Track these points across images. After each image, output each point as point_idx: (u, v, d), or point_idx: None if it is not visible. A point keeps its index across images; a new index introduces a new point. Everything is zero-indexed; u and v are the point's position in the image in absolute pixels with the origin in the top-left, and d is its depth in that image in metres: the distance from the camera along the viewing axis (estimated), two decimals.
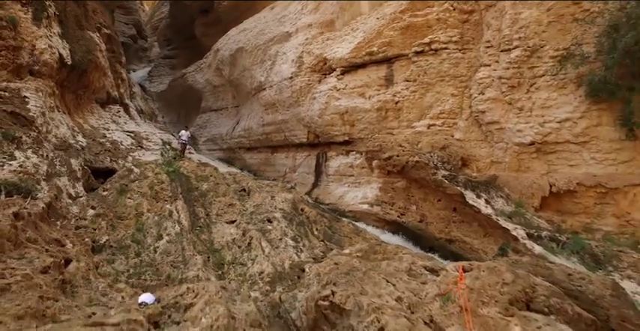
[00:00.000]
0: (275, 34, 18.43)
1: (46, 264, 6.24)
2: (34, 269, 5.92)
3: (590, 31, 10.34)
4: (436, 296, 6.18)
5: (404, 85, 12.66)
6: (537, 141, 10.79)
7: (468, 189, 10.05)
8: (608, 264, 9.27)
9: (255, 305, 5.30)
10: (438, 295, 6.19)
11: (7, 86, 11.40)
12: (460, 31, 12.15)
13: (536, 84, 10.97)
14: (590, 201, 10.46)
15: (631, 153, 10.02)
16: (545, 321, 5.02)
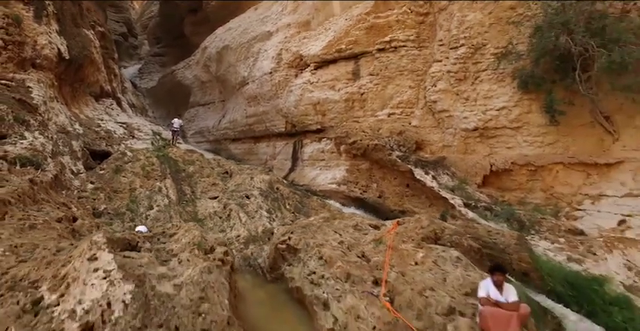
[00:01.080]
0: (258, 32, 20.06)
1: (59, 216, 7.82)
2: (51, 218, 7.48)
3: (524, 32, 12.14)
4: (372, 240, 7.87)
5: (368, 79, 14.39)
6: (480, 127, 12.58)
7: (418, 167, 11.78)
8: (531, 229, 11.04)
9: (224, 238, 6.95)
10: (374, 240, 7.89)
11: (13, 77, 12.91)
12: (417, 31, 13.90)
13: (479, 77, 12.76)
14: (523, 178, 12.27)
15: (555, 137, 11.84)
16: (443, 249, 6.73)
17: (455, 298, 5.01)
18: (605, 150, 11.27)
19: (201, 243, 5.68)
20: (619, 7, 10.85)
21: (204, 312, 3.95)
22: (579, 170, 11.54)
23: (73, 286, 3.93)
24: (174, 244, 5.72)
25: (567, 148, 11.73)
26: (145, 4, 50.75)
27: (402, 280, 5.73)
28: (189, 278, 4.45)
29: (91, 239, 4.60)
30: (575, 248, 10.17)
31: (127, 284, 4.02)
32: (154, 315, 3.81)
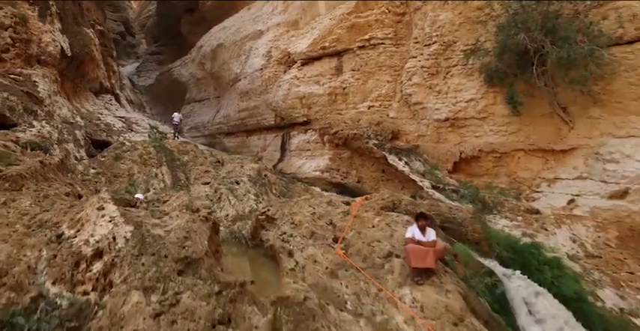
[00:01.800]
0: (250, 31, 21.25)
1: (67, 191, 8.98)
2: (60, 193, 8.65)
3: (490, 30, 13.34)
4: (340, 212, 9.07)
5: (350, 74, 15.60)
6: (451, 118, 13.78)
7: (392, 154, 12.99)
8: (493, 209, 12.25)
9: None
10: (342, 212, 9.08)
11: (21, 72, 14.08)
12: (394, 30, 15.11)
13: (450, 72, 13.96)
14: (490, 165, 13.49)
15: (517, 126, 13.06)
16: (397, 215, 7.92)
17: (395, 246, 6.20)
18: (561, 138, 12.49)
19: (189, 205, 6.86)
20: (573, 8, 12.06)
21: (187, 246, 5.13)
22: (538, 156, 12.75)
23: (86, 225, 5.12)
24: (167, 207, 6.91)
25: (528, 136, 12.95)
26: (142, 3, 51.94)
27: (357, 237, 6.93)
28: (177, 226, 5.64)
29: (99, 195, 5.79)
30: (530, 225, 11.41)
31: (127, 225, 5.20)
32: (148, 247, 4.99)
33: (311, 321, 4.08)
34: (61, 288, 4.24)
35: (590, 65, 10.85)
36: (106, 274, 4.51)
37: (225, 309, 4.30)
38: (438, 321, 4.45)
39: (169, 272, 4.62)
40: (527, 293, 7.48)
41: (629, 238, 10.10)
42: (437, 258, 5.35)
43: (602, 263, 10.02)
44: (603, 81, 11.56)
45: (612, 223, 10.52)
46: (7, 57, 13.71)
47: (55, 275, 4.36)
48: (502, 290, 7.25)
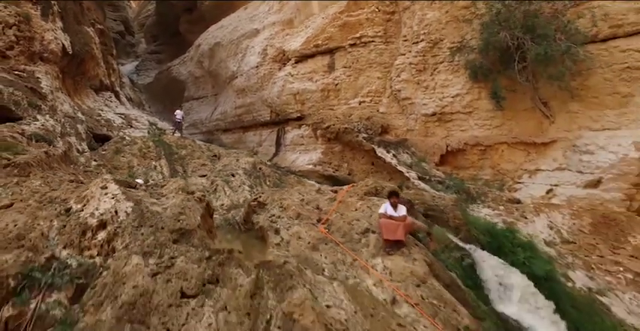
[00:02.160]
0: (246, 30, 21.87)
1: (71, 179, 9.59)
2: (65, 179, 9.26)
3: (475, 28, 13.95)
4: (327, 199, 9.67)
5: (342, 71, 16.22)
6: (438, 112, 14.40)
7: (381, 146, 13.61)
8: (477, 199, 12.87)
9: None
10: (329, 198, 9.69)
11: (24, 68, 14.68)
12: (384, 28, 15.73)
13: (437, 68, 14.58)
14: (475, 157, 14.11)
15: (500, 120, 13.69)
16: (378, 199, 8.52)
17: (372, 224, 6.81)
18: (542, 132, 13.12)
19: (185, 188, 7.48)
20: (552, 7, 12.67)
21: (181, 219, 5.75)
22: (521, 149, 13.38)
23: (91, 201, 5.73)
24: (164, 190, 7.52)
25: (511, 130, 13.58)
26: (141, 3, 52.55)
27: (339, 218, 7.56)
28: (173, 203, 6.25)
29: (102, 177, 6.41)
30: (511, 213, 12.03)
31: (128, 202, 5.82)
32: (147, 220, 5.61)
33: (289, 280, 4.70)
34: (70, 252, 4.86)
35: (567, 61, 11.46)
36: (110, 241, 5.13)
37: (214, 271, 4.91)
38: (402, 283, 5.06)
39: (165, 240, 5.24)
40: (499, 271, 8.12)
41: (602, 224, 10.75)
42: (406, 232, 5.96)
43: (576, 248, 10.64)
44: (581, 77, 12.19)
45: (586, 211, 11.16)
46: (11, 54, 14.30)
47: (65, 241, 4.98)
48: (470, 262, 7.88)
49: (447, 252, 7.13)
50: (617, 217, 10.68)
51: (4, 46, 14.05)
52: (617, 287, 9.46)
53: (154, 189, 7.80)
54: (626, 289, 9.40)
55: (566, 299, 8.58)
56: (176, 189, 7.38)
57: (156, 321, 4.15)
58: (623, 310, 8.81)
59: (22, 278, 4.23)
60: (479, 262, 8.28)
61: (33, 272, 4.34)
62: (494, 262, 8.46)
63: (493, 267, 8.27)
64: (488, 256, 8.62)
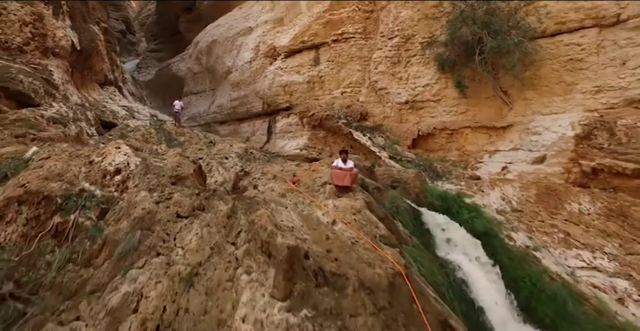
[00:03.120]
0: (241, 28, 23.68)
1: None
2: None
3: (443, 25, 15.70)
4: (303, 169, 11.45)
5: (326, 64, 18.01)
6: (410, 101, 16.16)
7: (358, 130, 15.38)
8: (442, 176, 14.61)
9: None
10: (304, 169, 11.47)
11: (39, 62, 16.49)
12: (363, 25, 17.51)
13: (410, 61, 16.35)
14: (443, 140, 15.86)
15: (465, 107, 15.44)
16: None
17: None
18: (502, 117, 14.87)
19: (182, 153, 9.28)
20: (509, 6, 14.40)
21: (178, 170, 7.53)
22: (483, 132, 15.13)
23: (108, 156, 7.51)
24: (165, 156, 9.33)
25: (475, 116, 15.33)
26: (142, 3, 54.49)
27: (307, 177, 9.34)
28: (172, 160, 8.06)
29: (116, 140, 8.22)
30: (470, 188, 13.77)
31: (136, 157, 7.60)
32: (151, 170, 7.39)
33: (255, 206, 6.46)
34: (95, 188, 6.65)
35: (517, 53, 13.21)
36: (124, 182, 6.93)
37: (202, 202, 6.69)
38: (343, 213, 6.82)
39: (165, 182, 7.03)
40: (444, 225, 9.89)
41: (544, 195, 12.49)
42: (352, 180, 7.73)
43: (522, 215, 12.38)
44: (533, 67, 13.96)
45: (533, 183, 12.90)
46: (28, 49, 16.11)
47: (91, 180, 6.77)
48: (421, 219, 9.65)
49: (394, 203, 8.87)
50: (557, 188, 12.42)
51: (21, 42, 15.84)
52: (550, 245, 11.18)
53: (156, 155, 9.60)
54: (558, 246, 11.13)
55: (503, 251, 10.32)
56: (174, 154, 9.18)
57: (159, 229, 5.93)
58: (551, 262, 10.54)
59: (65, 199, 6.02)
60: (427, 219, 10.05)
61: (71, 197, 6.13)
62: (442, 219, 10.22)
63: (439, 223, 10.04)
64: (436, 214, 10.40)
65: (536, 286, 9.51)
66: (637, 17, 12.03)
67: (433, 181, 14.29)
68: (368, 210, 6.87)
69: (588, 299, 9.35)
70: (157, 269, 5.20)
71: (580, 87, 13.18)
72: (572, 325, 8.69)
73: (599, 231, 11.40)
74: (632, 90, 12.14)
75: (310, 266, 4.58)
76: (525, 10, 13.78)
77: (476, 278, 8.91)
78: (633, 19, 12.09)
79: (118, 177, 6.98)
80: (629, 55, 12.35)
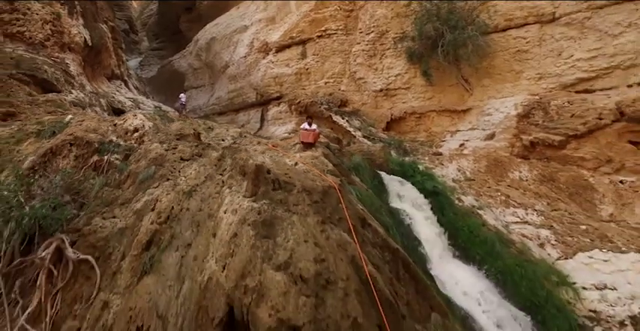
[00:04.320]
0: (237, 26, 26.17)
1: None
2: None
3: (412, 22, 18.09)
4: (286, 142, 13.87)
5: (312, 58, 20.45)
6: (384, 89, 18.57)
7: (337, 115, 17.79)
8: (411, 154, 16.97)
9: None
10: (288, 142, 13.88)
11: (58, 55, 18.98)
12: (345, 23, 19.96)
13: (384, 54, 18.76)
14: (413, 123, 18.25)
15: (431, 93, 17.82)
16: None
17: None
18: (463, 102, 17.23)
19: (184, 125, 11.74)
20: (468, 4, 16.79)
21: (181, 130, 9.97)
22: (446, 115, 17.50)
23: (128, 120, 9.96)
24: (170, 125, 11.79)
25: (440, 101, 17.71)
26: (143, 3, 57.17)
27: (285, 143, 11.77)
28: (175, 126, 10.51)
29: (134, 110, 10.68)
30: (432, 162, 16.11)
31: (150, 122, 10.07)
32: (161, 130, 9.85)
33: (238, 152, 8.89)
34: (120, 140, 9.11)
35: (470, 45, 15.60)
36: (141, 137, 9.38)
37: (199, 151, 9.13)
38: (304, 159, 9.25)
39: (172, 138, 9.48)
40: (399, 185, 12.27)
41: (493, 166, 14.84)
42: (315, 138, 10.14)
43: (474, 183, 14.70)
44: (489, 58, 16.34)
45: (484, 157, 15.25)
46: (48, 44, 18.60)
47: (117, 135, 9.23)
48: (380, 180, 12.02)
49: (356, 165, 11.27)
50: (503, 160, 14.79)
51: (43, 38, 18.34)
52: (493, 205, 13.50)
53: (163, 125, 12.05)
54: (499, 206, 13.45)
55: (450, 208, 12.56)
56: (178, 123, 11.64)
57: (168, 165, 8.36)
58: (491, 218, 12.82)
59: (100, 145, 8.47)
60: (385, 178, 12.43)
61: (104, 144, 8.59)
62: (396, 180, 12.61)
63: (394, 182, 12.43)
64: (393, 176, 12.79)
65: (472, 233, 11.77)
66: (568, 15, 14.42)
67: (401, 157, 16.64)
68: (324, 158, 9.29)
69: (514, 243, 11.67)
70: (167, 187, 7.64)
71: (526, 75, 15.55)
72: (496, 260, 10.96)
73: (533, 193, 13.78)
74: (565, 76, 14.51)
75: (270, 177, 6.99)
76: (480, 9, 16.15)
77: (419, 223, 11.26)
78: (564, 16, 14.48)
79: (136, 133, 9.44)
80: (563, 47, 14.72)
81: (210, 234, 6.41)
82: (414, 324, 6.49)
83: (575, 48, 14.42)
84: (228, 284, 5.38)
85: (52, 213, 6.29)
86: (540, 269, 10.57)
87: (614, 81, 13.50)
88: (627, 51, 13.13)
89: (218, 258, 5.87)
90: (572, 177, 13.38)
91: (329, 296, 4.96)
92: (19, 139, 8.83)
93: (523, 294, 9.88)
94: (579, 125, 13.18)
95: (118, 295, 6.01)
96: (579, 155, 13.21)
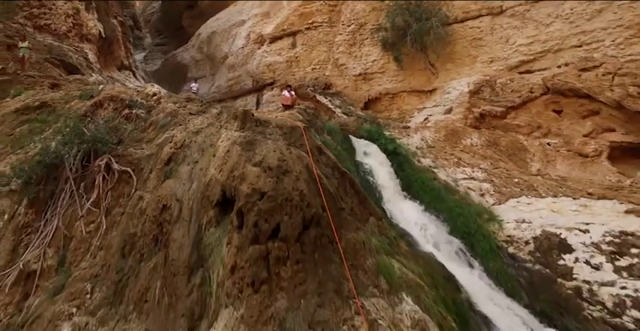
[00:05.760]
0: (236, 21, 29.33)
1: None
2: None
3: (387, 15, 21.15)
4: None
5: (301, 47, 23.56)
6: (362, 73, 21.63)
7: (321, 95, 20.88)
8: (384, 127, 20.01)
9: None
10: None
11: (78, 45, 22.15)
12: (329, 16, 23.06)
13: (363, 43, 21.84)
14: (387, 103, 21.31)
15: (403, 76, 20.88)
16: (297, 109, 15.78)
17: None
18: (430, 83, 20.28)
19: None
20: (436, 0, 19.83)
21: (188, 96, 13.12)
22: (415, 95, 20.55)
23: (147, 88, 13.11)
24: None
25: (410, 83, 20.75)
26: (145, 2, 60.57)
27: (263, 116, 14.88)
28: (183, 94, 13.65)
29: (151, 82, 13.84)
30: (401, 133, 19.14)
31: (164, 90, 13.23)
32: (173, 96, 13.00)
33: (233, 109, 12.00)
34: (143, 100, 12.25)
35: (432, 34, 18.66)
36: (158, 99, 12.52)
37: (203, 109, 12.23)
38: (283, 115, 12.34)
39: (182, 101, 12.61)
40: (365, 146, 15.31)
41: (450, 135, 17.82)
42: (293, 101, 13.27)
43: (433, 149, 17.67)
44: (451, 45, 19.41)
45: (443, 128, 18.24)
46: (70, 35, 21.78)
47: (140, 97, 12.37)
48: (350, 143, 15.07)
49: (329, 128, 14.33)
50: (458, 130, 17.77)
51: (66, 30, 21.52)
52: (447, 166, 16.46)
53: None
54: (452, 166, 16.38)
55: (409, 166, 15.53)
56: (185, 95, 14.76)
57: (180, 117, 11.47)
58: (443, 174, 15.75)
59: (129, 102, 11.60)
60: (354, 141, 15.51)
61: (132, 101, 11.72)
62: (363, 142, 15.67)
63: (361, 145, 15.48)
64: (361, 140, 15.84)
65: (424, 184, 14.75)
66: (512, 8, 17.47)
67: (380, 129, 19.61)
68: (298, 114, 12.39)
69: (458, 192, 14.69)
70: (180, 129, 10.74)
71: (480, 59, 18.60)
72: (440, 203, 13.83)
73: (480, 156, 16.76)
74: (510, 59, 17.54)
75: (254, 118, 10.09)
76: (442, 3, 19.22)
77: (379, 173, 14.29)
78: (510, 9, 17.53)
79: (155, 97, 12.57)
80: (509, 34, 17.77)
81: (211, 155, 9.50)
82: (354, 221, 9.51)
83: (518, 35, 17.44)
84: (222, 178, 8.46)
85: (102, 138, 9.39)
86: (475, 210, 13.56)
87: (547, 62, 16.52)
88: (555, 37, 16.16)
89: (216, 167, 8.95)
90: (511, 142, 16.39)
91: (286, 178, 8.03)
92: (67, 100, 11.95)
93: (458, 227, 12.81)
94: (516, 98, 16.22)
95: (148, 192, 9.11)
96: (516, 123, 16.22)
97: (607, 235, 11.40)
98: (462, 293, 9.94)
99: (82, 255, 8.49)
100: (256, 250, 7.22)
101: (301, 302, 7.16)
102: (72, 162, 8.99)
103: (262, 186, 7.71)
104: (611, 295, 10.13)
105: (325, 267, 7.75)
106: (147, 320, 7.46)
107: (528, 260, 11.93)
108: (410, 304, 8.01)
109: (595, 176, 14.57)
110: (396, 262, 9.11)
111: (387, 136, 16.51)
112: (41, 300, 7.87)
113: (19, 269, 7.97)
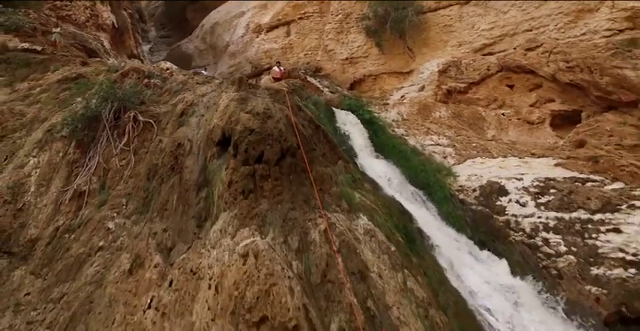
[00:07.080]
0: (236, 12, 32.33)
1: None
2: None
3: (370, 6, 24.02)
4: None
5: (294, 35, 26.52)
6: (349, 57, 24.56)
7: (311, 77, 23.84)
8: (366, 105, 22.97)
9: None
10: None
11: (95, 34, 25.21)
12: (320, 7, 25.99)
13: (349, 31, 24.75)
14: (370, 84, 24.23)
15: (384, 60, 23.79)
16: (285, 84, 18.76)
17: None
18: (408, 66, 23.19)
19: None
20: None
21: (195, 70, 16.16)
22: (395, 77, 23.46)
23: (161, 64, 16.17)
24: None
25: (390, 66, 23.65)
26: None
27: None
28: (191, 70, 16.71)
29: (164, 62, 16.90)
30: (380, 109, 22.09)
31: (175, 66, 16.29)
32: (183, 71, 16.07)
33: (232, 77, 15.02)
34: (159, 73, 15.32)
35: (407, 22, 21.56)
36: (171, 73, 15.58)
37: (208, 80, 15.28)
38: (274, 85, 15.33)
39: (191, 74, 15.70)
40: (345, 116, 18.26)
41: (422, 109, 20.73)
42: (281, 74, 16.25)
43: (408, 122, 20.59)
44: (425, 32, 22.30)
45: (416, 103, 21.13)
46: (88, 24, 24.83)
47: (157, 71, 15.44)
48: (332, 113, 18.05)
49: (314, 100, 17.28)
50: (429, 104, 20.67)
51: (84, 20, 24.59)
52: (417, 135, 19.39)
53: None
54: (421, 135, 19.27)
55: (383, 133, 18.37)
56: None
57: (189, 85, 14.52)
58: (413, 141, 18.63)
59: (149, 73, 14.65)
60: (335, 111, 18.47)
61: (150, 73, 14.78)
62: (344, 113, 18.61)
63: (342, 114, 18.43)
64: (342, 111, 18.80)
65: (394, 147, 17.55)
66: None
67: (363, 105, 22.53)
68: (285, 84, 15.39)
69: (424, 154, 17.57)
70: (189, 93, 13.76)
71: (450, 43, 21.49)
72: (407, 162, 16.62)
73: (446, 126, 19.64)
74: (475, 43, 20.42)
75: (247, 83, 13.11)
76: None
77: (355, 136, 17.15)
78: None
79: (168, 70, 15.62)
80: (475, 21, 20.65)
81: (214, 110, 12.50)
82: (325, 161, 12.47)
83: (482, 22, 20.31)
84: (222, 123, 11.47)
85: (130, 97, 12.43)
86: (435, 167, 16.42)
87: (505, 45, 19.38)
88: (511, 23, 19.02)
89: (218, 117, 11.96)
90: (472, 113, 19.29)
91: (269, 120, 11.01)
92: (97, 73, 14.96)
93: (420, 180, 15.57)
94: (476, 75, 19.11)
95: (166, 137, 12.14)
96: (477, 97, 19.11)
97: (535, 181, 14.27)
98: (414, 223, 12.72)
99: (117, 182, 11.54)
100: (246, 169, 10.19)
101: (278, 206, 10.11)
102: (107, 115, 11.99)
103: (251, 125, 10.70)
104: (530, 223, 13.04)
105: (298, 187, 10.69)
106: (167, 222, 10.48)
107: (474, 204, 14.75)
108: (364, 220, 10.84)
109: (539, 140, 17.46)
110: (358, 193, 12.02)
111: (365, 108, 19.40)
112: (90, 210, 10.91)
113: (74, 189, 10.99)
